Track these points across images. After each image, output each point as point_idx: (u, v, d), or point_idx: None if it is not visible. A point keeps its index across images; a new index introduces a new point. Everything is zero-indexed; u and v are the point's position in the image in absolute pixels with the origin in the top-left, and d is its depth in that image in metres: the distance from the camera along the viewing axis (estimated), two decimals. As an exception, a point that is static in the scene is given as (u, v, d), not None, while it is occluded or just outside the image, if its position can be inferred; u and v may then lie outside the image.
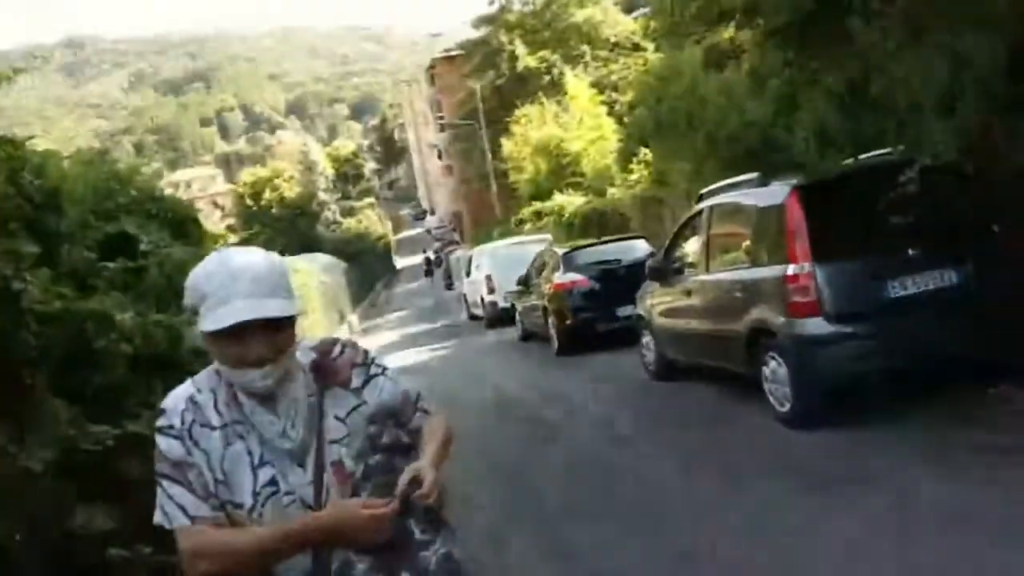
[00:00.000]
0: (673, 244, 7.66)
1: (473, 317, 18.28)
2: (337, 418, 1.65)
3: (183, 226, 4.25)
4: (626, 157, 17.27)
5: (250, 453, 1.57)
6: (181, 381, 1.66)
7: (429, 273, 38.09)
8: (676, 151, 11.60)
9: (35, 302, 2.28)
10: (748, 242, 6.18)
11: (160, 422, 1.58)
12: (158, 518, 1.56)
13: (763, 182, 6.15)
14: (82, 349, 2.80)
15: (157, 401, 1.78)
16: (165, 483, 1.54)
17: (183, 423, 1.56)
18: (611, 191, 18.26)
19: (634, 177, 16.47)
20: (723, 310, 6.38)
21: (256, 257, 1.59)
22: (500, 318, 15.25)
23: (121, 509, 2.70)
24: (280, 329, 1.55)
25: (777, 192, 5.82)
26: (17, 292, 2.18)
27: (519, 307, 13.31)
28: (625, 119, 19.69)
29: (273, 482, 1.56)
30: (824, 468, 4.70)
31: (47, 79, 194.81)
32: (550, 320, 11.23)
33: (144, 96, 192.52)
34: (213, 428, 1.57)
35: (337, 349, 1.72)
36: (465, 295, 19.17)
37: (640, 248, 11.23)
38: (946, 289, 5.27)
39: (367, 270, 37.27)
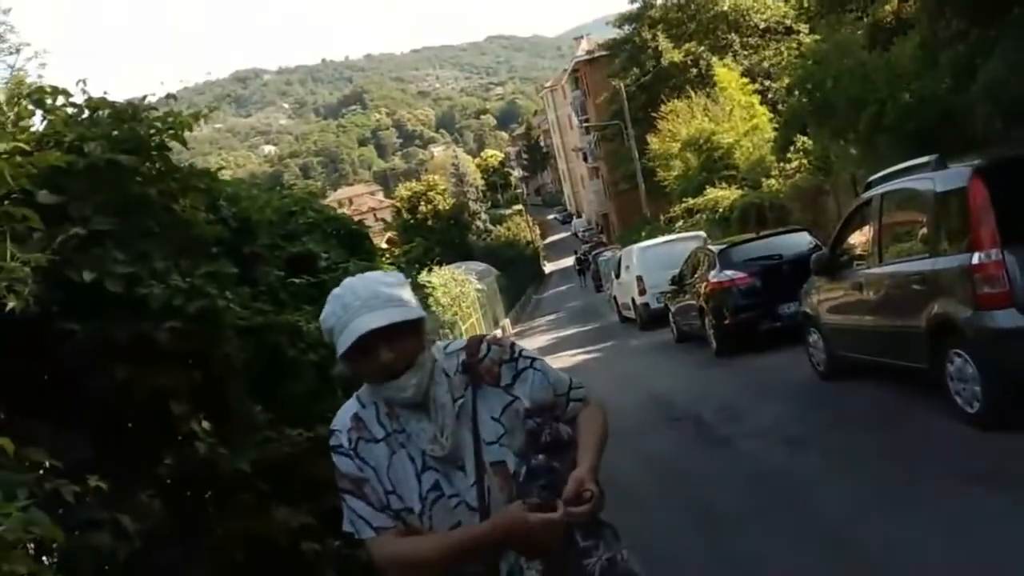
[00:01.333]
0: (840, 236, 7.25)
1: (624, 319, 18.09)
2: (493, 418, 1.66)
3: (356, 242, 4.53)
4: (783, 146, 16.53)
5: (412, 460, 1.63)
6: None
7: (581, 272, 38.17)
8: (840, 134, 10.96)
9: (238, 318, 2.51)
10: (926, 230, 5.74)
11: (332, 441, 1.69)
12: (347, 527, 1.67)
13: (941, 165, 5.70)
14: (276, 359, 3.04)
15: (341, 405, 1.92)
16: (347, 498, 1.65)
17: (350, 442, 1.65)
18: (767, 182, 17.51)
19: (793, 166, 15.72)
20: (900, 304, 5.96)
21: (369, 279, 1.66)
22: (653, 319, 14.99)
23: (312, 506, 2.91)
24: (402, 336, 1.60)
25: (958, 175, 5.38)
26: (221, 309, 2.41)
27: (672, 308, 13.03)
28: (780, 106, 18.83)
29: (437, 487, 1.61)
30: (1009, 471, 4.30)
31: (222, 112, 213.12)
32: (707, 320, 10.93)
33: (306, 121, 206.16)
34: (377, 441, 1.65)
35: (484, 348, 1.74)
36: (615, 297, 18.99)
37: (803, 241, 10.69)
38: None
39: (518, 276, 37.89)
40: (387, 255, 6.58)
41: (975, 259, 5.01)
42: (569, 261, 43.39)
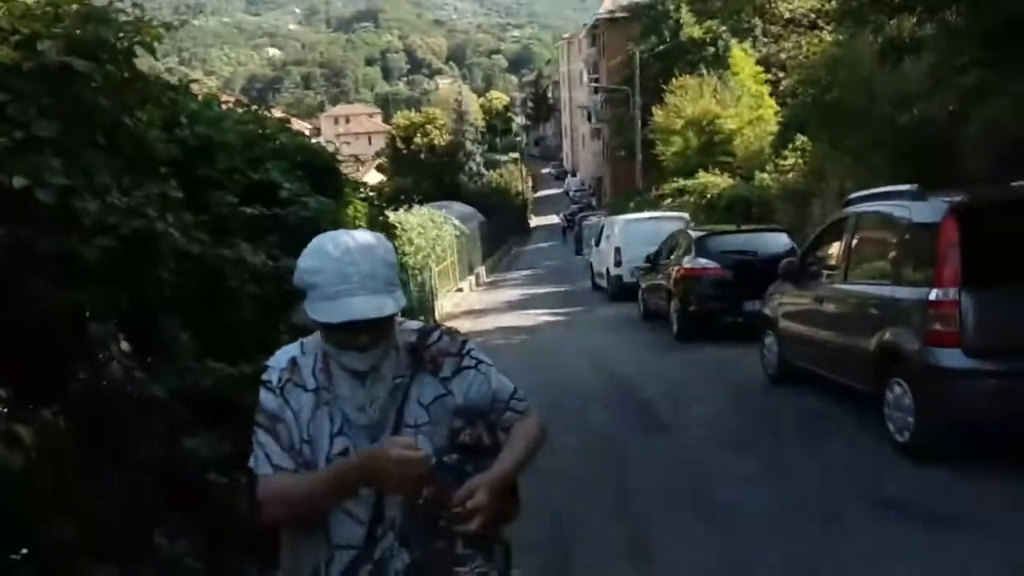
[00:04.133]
0: (813, 246, 7.29)
1: (596, 287, 18.17)
2: (420, 404, 1.66)
3: (326, 178, 4.44)
4: (782, 142, 16.46)
5: (331, 420, 1.63)
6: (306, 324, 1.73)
7: (565, 232, 38.04)
8: (838, 143, 10.94)
9: (174, 247, 2.47)
10: (894, 257, 5.79)
11: (264, 376, 1.69)
12: (251, 462, 1.67)
13: (920, 195, 5.72)
14: (214, 288, 3.01)
15: (280, 342, 1.91)
16: (259, 432, 1.64)
17: (279, 381, 1.65)
18: (760, 176, 17.48)
19: (788, 164, 15.68)
20: (855, 324, 6.04)
21: (367, 249, 1.58)
22: (623, 293, 15.06)
23: (231, 439, 2.91)
24: (384, 322, 1.58)
25: (934, 208, 5.40)
26: (159, 233, 2.37)
27: (644, 284, 13.10)
28: (788, 101, 18.69)
29: (345, 453, 1.61)
30: (933, 506, 4.44)
31: (232, 5, 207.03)
32: (673, 303, 11.02)
33: (315, 30, 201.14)
34: (307, 390, 1.64)
35: (436, 335, 1.72)
36: (592, 264, 19.05)
37: (781, 242, 10.73)
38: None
39: (502, 225, 37.66)
40: (361, 189, 6.47)
41: (933, 295, 5.07)
42: (555, 219, 43.22)
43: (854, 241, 6.41)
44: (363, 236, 1.64)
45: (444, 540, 1.54)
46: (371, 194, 6.01)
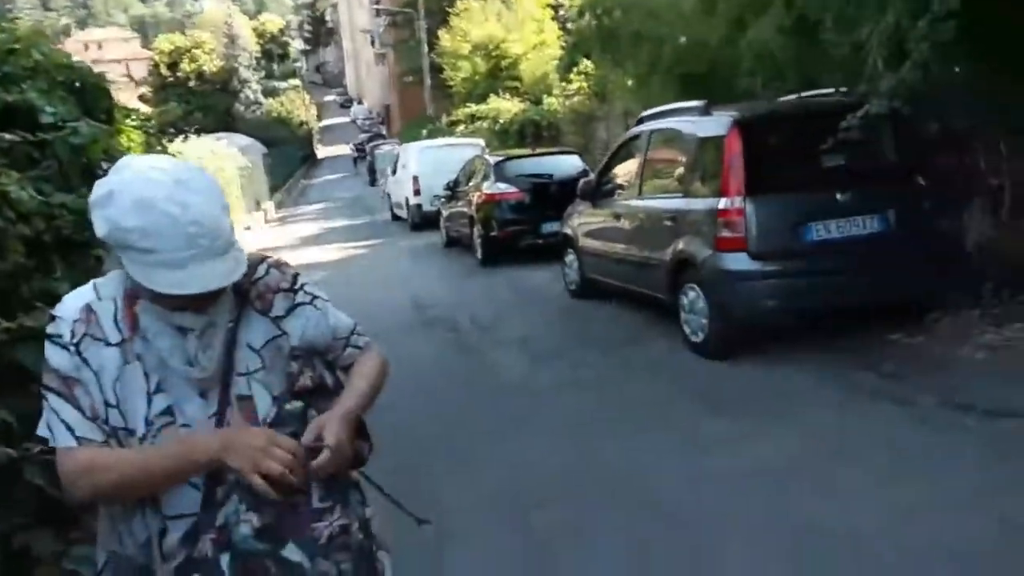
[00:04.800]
0: (608, 165, 7.58)
1: (396, 218, 17.90)
2: (251, 347, 1.46)
3: (94, 99, 3.85)
4: (567, 66, 16.88)
5: (146, 376, 1.38)
6: (88, 267, 1.46)
7: (356, 162, 36.93)
8: (619, 64, 11.35)
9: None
10: (683, 171, 6.16)
11: (50, 329, 1.39)
12: (42, 430, 1.39)
13: (706, 111, 6.09)
14: (-29, 230, 2.53)
15: (59, 290, 1.61)
16: (51, 397, 1.37)
17: (73, 335, 1.37)
18: (548, 100, 17.90)
19: (573, 87, 16.13)
20: (650, 237, 6.40)
21: (207, 199, 1.33)
22: (424, 222, 14.98)
23: (11, 402, 2.51)
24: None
25: (719, 123, 5.78)
26: None
27: (445, 212, 13.08)
28: (570, 25, 19.13)
29: (169, 411, 1.39)
30: (726, 396, 4.90)
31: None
32: (475, 229, 11.11)
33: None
34: (109, 344, 1.38)
35: (262, 269, 1.52)
36: (389, 194, 18.68)
37: (573, 164, 11.13)
38: (869, 236, 5.40)
39: (287, 157, 35.85)
40: (133, 116, 5.76)
41: (721, 204, 5.47)
42: (345, 149, 41.83)
43: (646, 158, 6.74)
44: (196, 179, 1.35)
45: (295, 495, 1.35)
46: (144, 121, 5.36)
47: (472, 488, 3.89)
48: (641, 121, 7.15)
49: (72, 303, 1.41)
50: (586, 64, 15.68)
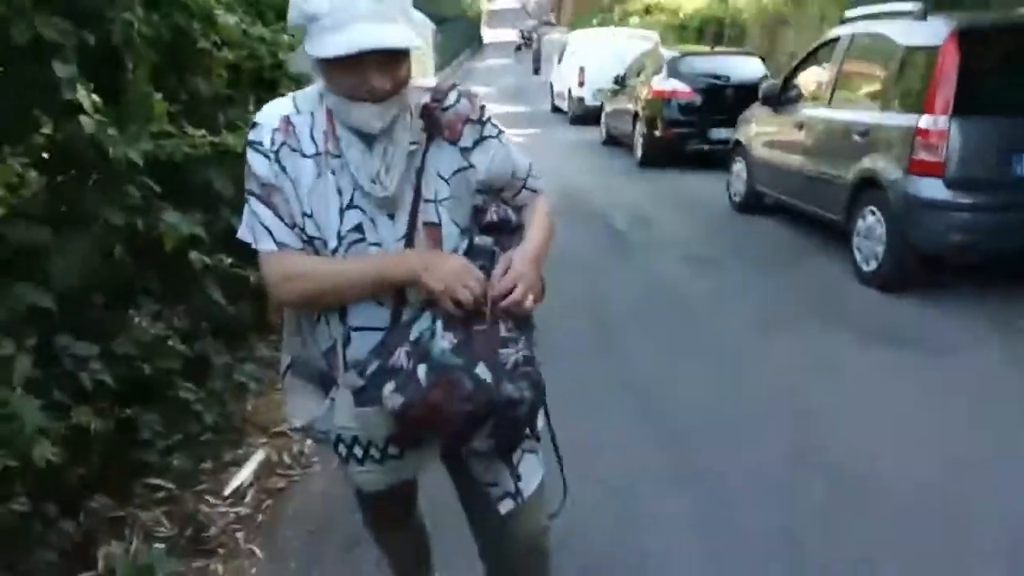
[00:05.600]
0: (796, 70, 7.02)
1: (556, 109, 17.59)
2: (440, 176, 1.47)
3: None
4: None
5: (340, 192, 1.41)
6: None
7: (520, 48, 36.37)
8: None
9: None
10: (884, 81, 5.61)
11: (251, 135, 1.43)
12: (243, 233, 1.47)
13: (922, 16, 5.45)
14: (183, 48, 2.66)
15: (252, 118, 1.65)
16: (253, 201, 1.42)
17: (272, 143, 1.40)
18: (735, -1, 16.65)
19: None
20: (834, 151, 5.94)
21: None
22: (585, 116, 14.61)
23: (204, 218, 2.69)
24: (400, 61, 1.35)
25: (934, 30, 5.17)
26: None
27: (608, 108, 12.68)
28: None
29: (359, 229, 1.42)
30: (894, 330, 4.57)
31: None
32: (638, 127, 10.73)
33: None
34: (305, 156, 1.41)
35: (452, 97, 1.49)
36: (552, 84, 18.30)
37: (754, 68, 10.39)
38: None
39: (454, 36, 35.76)
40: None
41: (922, 122, 4.96)
42: (511, 34, 41.20)
43: (844, 63, 6.17)
44: None
45: (484, 323, 1.40)
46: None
47: (614, 379, 3.89)
48: (844, 23, 6.52)
49: (272, 111, 1.44)
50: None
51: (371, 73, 1.32)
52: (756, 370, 4.02)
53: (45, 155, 2.04)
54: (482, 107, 1.53)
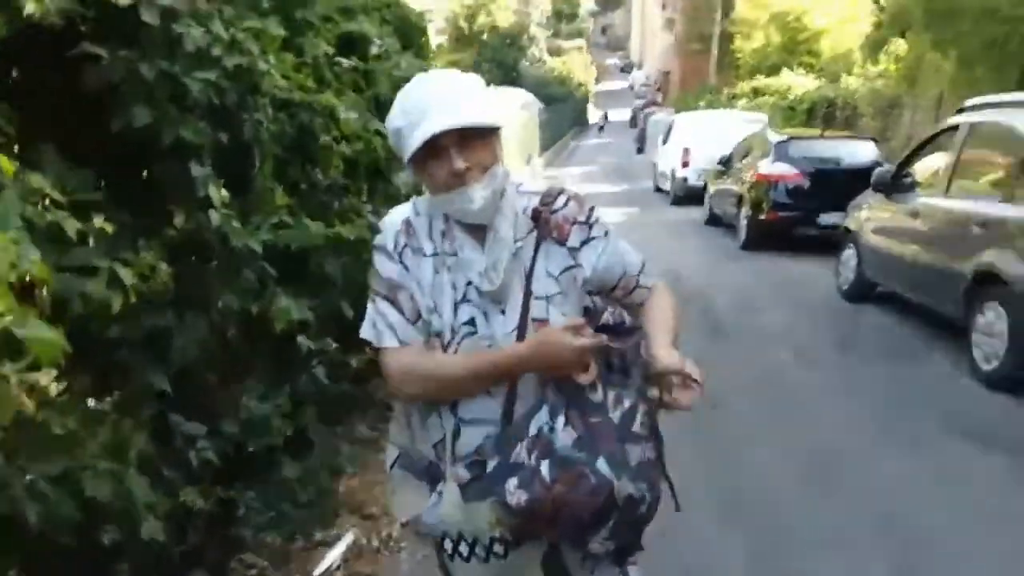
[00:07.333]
0: (913, 156, 6.82)
1: (658, 189, 17.61)
2: (549, 274, 1.52)
3: (413, 36, 4.16)
4: (875, 46, 15.37)
5: (454, 287, 1.49)
6: (391, 196, 1.59)
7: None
8: (940, 46, 10.06)
9: (275, 87, 2.29)
10: (1006, 172, 5.36)
11: (377, 240, 1.55)
12: (366, 332, 1.54)
13: (1050, 108, 5.22)
14: (306, 143, 2.84)
15: (362, 211, 1.75)
16: (378, 301, 1.52)
17: (396, 245, 1.51)
18: (846, 79, 16.37)
19: (878, 68, 14.62)
20: (951, 242, 5.68)
21: (446, 74, 1.52)
22: (687, 196, 14.53)
23: (314, 304, 2.82)
24: (477, 142, 1.44)
25: (1065, 123, 4.94)
26: (261, 72, 2.19)
27: (712, 188, 12.60)
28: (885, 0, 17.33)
29: (472, 323, 1.49)
30: (1020, 438, 4.23)
31: None
32: (743, 210, 10.58)
33: None
34: (425, 255, 1.51)
35: (561, 200, 1.56)
36: (656, 164, 18.38)
37: (866, 152, 10.13)
38: None
39: (561, 116, 36.66)
40: (443, 54, 6.14)
41: (1050, 216, 4.70)
42: (622, 114, 41.86)
43: (961, 153, 5.95)
44: (443, 70, 1.57)
45: (599, 415, 1.42)
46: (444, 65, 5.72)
47: (701, 470, 3.76)
48: (962, 111, 6.31)
49: (395, 216, 1.56)
50: (898, 43, 14.20)
51: (452, 155, 1.42)
52: (860, 479, 3.79)
53: (173, 244, 2.20)
54: (590, 209, 1.60)
